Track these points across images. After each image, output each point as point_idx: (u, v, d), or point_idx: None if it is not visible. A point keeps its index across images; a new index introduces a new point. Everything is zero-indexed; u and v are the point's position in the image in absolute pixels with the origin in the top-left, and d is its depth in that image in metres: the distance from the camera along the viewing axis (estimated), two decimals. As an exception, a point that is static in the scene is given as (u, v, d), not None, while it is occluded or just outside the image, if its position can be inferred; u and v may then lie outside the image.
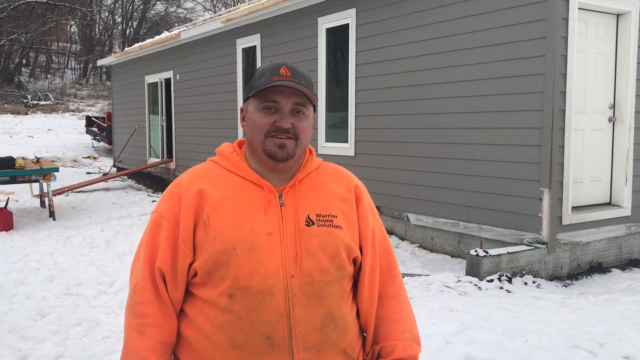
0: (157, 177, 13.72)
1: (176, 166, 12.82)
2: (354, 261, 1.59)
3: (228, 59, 10.70)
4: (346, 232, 1.55)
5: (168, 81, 13.12)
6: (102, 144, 20.66)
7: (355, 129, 7.84)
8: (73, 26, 40.68)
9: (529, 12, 5.64)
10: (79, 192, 12.58)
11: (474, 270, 5.44)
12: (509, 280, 5.34)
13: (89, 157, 19.30)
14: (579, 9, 5.71)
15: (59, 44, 38.91)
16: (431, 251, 6.90)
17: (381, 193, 7.34)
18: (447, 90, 6.52)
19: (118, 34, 40.26)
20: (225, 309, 1.46)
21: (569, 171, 5.74)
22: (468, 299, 4.86)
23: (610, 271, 6.14)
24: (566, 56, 5.60)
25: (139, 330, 1.51)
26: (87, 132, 21.26)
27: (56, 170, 9.38)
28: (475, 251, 5.52)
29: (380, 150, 7.47)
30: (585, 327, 4.09)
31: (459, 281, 5.32)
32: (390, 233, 7.39)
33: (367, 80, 7.61)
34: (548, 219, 5.62)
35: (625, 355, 3.58)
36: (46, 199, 9.90)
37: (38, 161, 9.73)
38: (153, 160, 13.90)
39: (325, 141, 8.42)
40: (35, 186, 11.47)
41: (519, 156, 5.82)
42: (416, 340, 1.64)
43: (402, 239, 7.30)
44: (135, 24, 39.81)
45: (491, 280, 5.30)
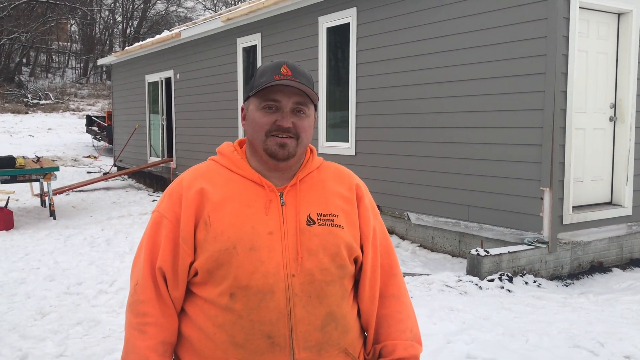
0: (157, 177, 13.72)
1: (176, 165, 12.82)
2: (355, 260, 1.59)
3: (228, 58, 10.70)
4: (347, 231, 1.55)
5: (168, 80, 13.11)
6: (102, 143, 20.66)
7: (356, 128, 7.84)
8: (73, 25, 40.71)
9: (530, 11, 5.63)
10: (80, 191, 12.58)
11: (474, 269, 5.44)
12: (510, 280, 5.34)
13: (89, 156, 19.30)
14: (580, 8, 5.70)
15: (60, 43, 38.91)
16: (432, 250, 6.90)
17: (382, 192, 7.34)
18: (447, 90, 6.52)
19: (118, 33, 40.27)
20: (226, 308, 1.46)
21: (569, 170, 5.74)
22: (469, 299, 4.85)
23: (611, 271, 6.14)
24: (567, 55, 5.59)
25: (139, 329, 1.50)
26: (87, 131, 21.27)
27: (56, 169, 9.38)
28: (476, 250, 5.51)
29: (380, 150, 7.47)
30: (586, 326, 4.08)
31: (460, 280, 5.31)
32: (391, 232, 7.39)
33: (368, 80, 7.61)
34: (549, 218, 5.62)
35: (626, 354, 3.57)
36: (46, 198, 9.90)
37: (38, 160, 9.73)
38: (153, 159, 13.90)
39: (326, 140, 8.41)
40: (36, 185, 11.46)
41: (519, 155, 5.81)
42: (417, 339, 1.64)
43: (402, 238, 7.30)
44: (135, 23, 39.83)
45: (492, 280, 5.29)
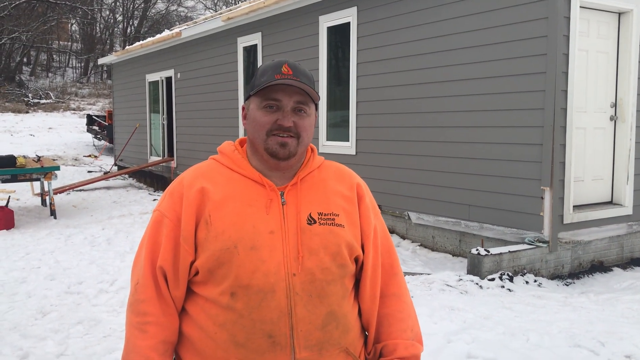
0: (158, 176, 13.73)
1: (177, 165, 12.82)
2: (356, 260, 1.58)
3: (229, 57, 10.70)
4: (348, 230, 1.55)
5: (169, 80, 13.11)
6: (103, 142, 20.67)
7: (357, 127, 7.83)
8: (74, 25, 40.71)
9: (531, 11, 5.63)
10: (80, 190, 12.58)
11: (475, 269, 5.44)
12: (510, 279, 5.34)
13: (90, 155, 19.30)
14: (580, 7, 5.70)
15: (60, 42, 38.90)
16: (432, 250, 6.90)
17: (382, 192, 7.33)
18: (448, 89, 6.52)
19: (119, 32, 40.27)
20: (227, 308, 1.46)
21: (570, 170, 5.74)
22: (469, 298, 4.85)
23: (612, 270, 6.14)
24: (568, 55, 5.59)
25: (140, 328, 1.50)
26: (88, 130, 21.28)
27: (57, 168, 9.38)
28: (477, 250, 5.51)
29: (381, 149, 7.47)
30: (587, 326, 4.08)
31: (460, 280, 5.31)
32: (392, 232, 7.39)
33: (368, 79, 7.60)
34: (549, 217, 5.62)
35: (626, 354, 3.57)
36: (47, 198, 9.90)
37: (39, 160, 9.73)
38: (154, 158, 13.90)
39: (327, 140, 8.41)
40: (37, 185, 11.46)
41: (520, 155, 5.81)
42: (418, 339, 1.64)
43: (403, 237, 7.30)
44: (136, 22, 39.83)
45: (492, 279, 5.29)
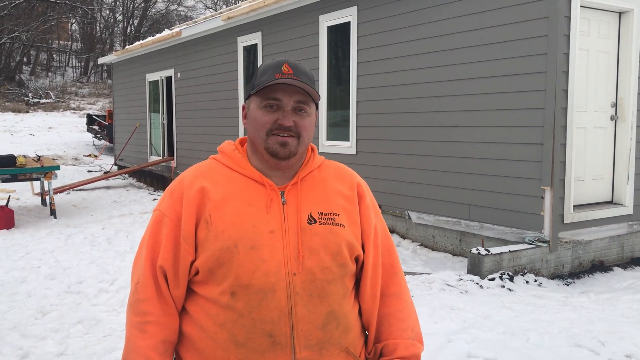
0: (158, 176, 13.72)
1: (177, 164, 12.82)
2: (356, 259, 1.58)
3: (229, 57, 10.69)
4: (348, 230, 1.55)
5: (169, 79, 13.11)
6: (103, 142, 20.66)
7: (357, 127, 7.83)
8: (74, 24, 40.70)
9: (531, 10, 5.62)
10: (80, 190, 12.58)
11: (475, 268, 5.44)
12: (511, 279, 5.33)
13: (90, 155, 19.30)
14: (581, 6, 5.69)
15: (60, 42, 38.91)
16: (432, 250, 6.89)
17: (382, 191, 7.33)
18: (448, 89, 6.51)
19: (119, 32, 40.27)
20: (227, 307, 1.45)
21: (570, 169, 5.73)
22: (470, 298, 4.85)
23: (612, 270, 6.13)
24: (568, 54, 5.58)
25: (140, 328, 1.50)
26: (88, 130, 21.28)
27: (57, 168, 9.38)
28: (477, 249, 5.51)
29: (381, 149, 7.46)
30: (587, 325, 4.08)
31: (461, 280, 5.31)
32: (392, 231, 7.38)
33: (369, 79, 7.60)
34: (550, 217, 5.62)
35: (627, 353, 3.57)
36: (47, 197, 9.90)
37: (39, 159, 9.73)
38: (154, 158, 13.90)
39: (327, 139, 8.41)
40: (37, 184, 11.46)
41: (520, 154, 5.81)
42: (418, 338, 1.63)
43: (403, 237, 7.30)
44: (136, 22, 39.83)
45: (493, 279, 5.29)
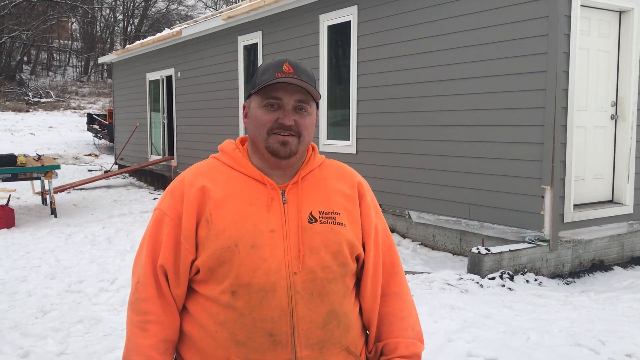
0: (158, 175, 13.73)
1: (177, 164, 12.82)
2: (357, 258, 1.58)
3: (229, 56, 10.69)
4: (349, 229, 1.55)
5: (169, 78, 13.11)
6: (103, 141, 20.66)
7: (357, 126, 7.83)
8: (74, 23, 40.70)
9: (531, 10, 5.62)
10: (81, 189, 12.58)
11: (475, 267, 5.44)
12: (511, 278, 5.33)
13: (90, 154, 19.30)
14: (581, 6, 5.69)
15: (60, 41, 38.92)
16: (433, 249, 6.90)
17: (383, 191, 7.33)
18: (449, 88, 6.51)
19: (119, 31, 40.28)
20: (227, 306, 1.45)
21: (571, 169, 5.73)
22: (470, 297, 4.85)
23: (612, 269, 6.13)
24: (568, 53, 5.58)
25: (141, 327, 1.50)
26: (88, 129, 21.28)
27: (57, 167, 9.38)
28: (477, 249, 5.51)
29: (381, 148, 7.46)
30: (587, 325, 4.08)
31: (461, 279, 5.31)
32: (392, 231, 7.39)
33: (369, 78, 7.60)
34: (550, 216, 5.62)
35: (627, 353, 3.57)
36: (47, 197, 9.91)
37: (39, 158, 9.73)
38: (154, 157, 13.90)
39: (327, 139, 8.41)
40: (37, 183, 11.46)
41: (521, 154, 5.81)
42: (419, 337, 1.63)
43: (403, 236, 7.30)
44: (136, 21, 39.83)
45: (493, 278, 5.29)
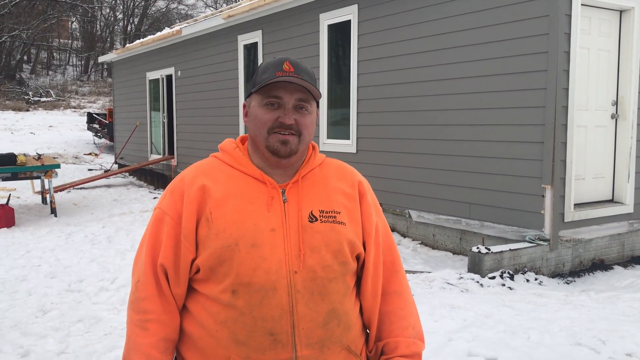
0: (158, 174, 13.72)
1: (177, 163, 12.82)
2: (357, 257, 1.58)
3: (229, 55, 10.69)
4: (349, 228, 1.54)
5: (169, 78, 13.11)
6: (103, 140, 20.66)
7: (357, 125, 7.83)
8: (74, 23, 40.69)
9: (532, 9, 5.62)
10: (81, 188, 12.58)
11: (476, 267, 5.44)
12: (511, 277, 5.33)
13: (90, 153, 19.30)
14: (582, 5, 5.69)
15: (60, 40, 38.92)
16: (433, 248, 6.89)
17: (383, 190, 7.33)
18: (449, 87, 6.51)
19: (119, 30, 40.27)
20: (228, 305, 1.45)
21: (571, 168, 5.73)
22: (470, 296, 4.85)
23: (613, 268, 6.13)
24: (569, 53, 5.58)
25: (141, 326, 1.50)
26: (88, 128, 21.27)
27: (57, 166, 9.37)
28: (477, 248, 5.51)
29: (382, 147, 7.46)
30: (588, 324, 4.08)
31: (461, 278, 5.31)
32: (392, 230, 7.39)
33: (369, 77, 7.60)
34: (550, 216, 5.61)
35: (627, 352, 3.57)
36: (47, 196, 9.90)
37: (39, 158, 9.73)
38: (154, 157, 13.90)
39: (327, 138, 8.41)
40: (37, 183, 11.47)
41: (521, 153, 5.81)
42: (420, 336, 1.63)
43: (403, 236, 7.30)
44: (136, 20, 39.83)
45: (493, 277, 5.29)
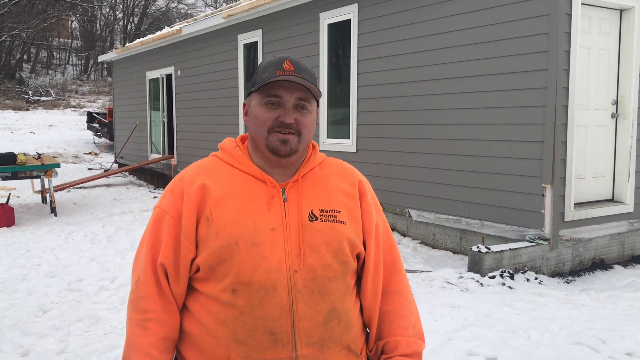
0: (158, 173, 13.72)
1: (177, 162, 12.82)
2: (358, 257, 1.58)
3: (229, 54, 10.68)
4: (350, 227, 1.54)
5: (169, 77, 13.10)
6: (103, 140, 20.65)
7: (357, 125, 7.83)
8: (74, 22, 40.67)
9: (532, 8, 5.61)
10: (80, 188, 12.58)
11: (476, 266, 5.44)
12: (511, 277, 5.33)
13: (90, 153, 19.30)
14: (582, 4, 5.68)
15: (60, 39, 38.89)
16: (433, 247, 6.89)
17: (383, 189, 7.33)
18: (449, 86, 6.51)
19: (119, 29, 40.24)
20: (228, 304, 1.45)
21: (571, 167, 5.73)
22: (470, 295, 4.85)
23: (613, 267, 6.13)
24: (569, 52, 5.58)
25: (141, 325, 1.50)
26: (88, 128, 21.27)
27: (57, 166, 9.37)
28: (477, 247, 5.51)
29: (382, 147, 7.46)
30: (588, 323, 4.08)
31: (461, 277, 5.31)
32: (392, 229, 7.38)
33: (369, 76, 7.59)
34: (550, 215, 5.61)
35: (627, 351, 3.57)
36: (47, 195, 9.90)
37: (39, 157, 9.72)
38: (154, 156, 13.90)
39: (327, 137, 8.40)
40: (37, 182, 11.47)
41: (521, 152, 5.80)
42: (420, 336, 1.63)
43: (403, 235, 7.30)
44: (136, 19, 39.80)
45: (493, 277, 5.29)
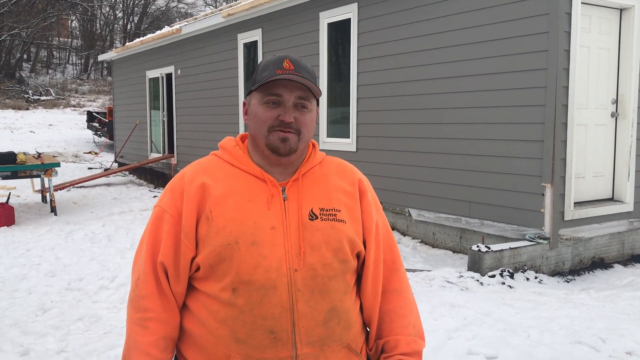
0: (158, 173, 13.72)
1: (177, 161, 12.82)
2: (358, 255, 1.58)
3: (229, 53, 10.68)
4: (350, 226, 1.54)
5: (169, 76, 13.10)
6: (103, 139, 20.65)
7: (357, 124, 7.83)
8: (74, 21, 40.66)
9: (532, 7, 5.61)
10: (81, 187, 12.58)
11: (475, 265, 5.44)
12: (511, 276, 5.33)
13: (90, 152, 19.29)
14: (582, 3, 5.68)
15: (60, 39, 38.88)
16: (433, 247, 6.89)
17: (383, 188, 7.33)
18: (449, 86, 6.50)
19: (119, 29, 40.23)
20: (228, 303, 1.45)
21: (571, 166, 5.73)
22: (470, 295, 4.85)
23: (613, 267, 6.14)
24: (569, 51, 5.57)
25: (141, 324, 1.50)
26: (88, 127, 21.26)
27: (57, 165, 9.37)
28: (477, 246, 5.51)
29: (382, 146, 7.46)
30: (588, 322, 4.08)
31: (461, 277, 5.31)
32: (392, 229, 7.37)
33: (369, 75, 7.59)
34: (550, 214, 5.61)
35: (627, 350, 3.57)
36: (47, 194, 9.90)
37: (39, 156, 9.72)
38: (154, 155, 13.90)
39: (327, 136, 8.40)
40: (37, 181, 11.46)
41: (521, 151, 5.80)
42: (420, 335, 1.63)
43: (403, 234, 7.30)
44: (136, 18, 39.79)
45: (493, 276, 5.29)
